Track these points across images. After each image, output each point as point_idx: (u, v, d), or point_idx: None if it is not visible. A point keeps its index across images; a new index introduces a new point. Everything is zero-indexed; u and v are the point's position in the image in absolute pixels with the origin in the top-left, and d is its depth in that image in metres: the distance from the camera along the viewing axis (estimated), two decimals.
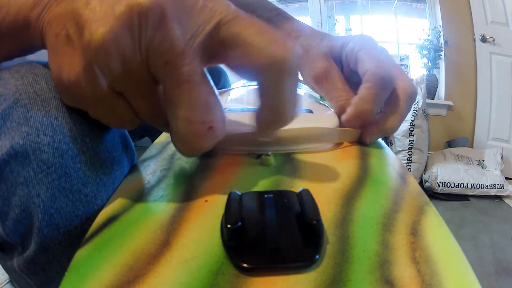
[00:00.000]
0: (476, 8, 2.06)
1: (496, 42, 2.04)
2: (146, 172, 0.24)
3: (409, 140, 1.91)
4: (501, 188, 1.77)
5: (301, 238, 0.16)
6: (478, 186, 1.78)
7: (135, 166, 0.26)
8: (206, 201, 0.20)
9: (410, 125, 1.90)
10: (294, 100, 0.19)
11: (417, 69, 2.33)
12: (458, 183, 1.79)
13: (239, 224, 0.16)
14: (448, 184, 1.80)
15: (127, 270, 0.15)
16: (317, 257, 0.15)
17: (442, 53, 2.17)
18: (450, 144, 2.21)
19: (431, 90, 2.20)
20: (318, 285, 0.14)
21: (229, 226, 0.16)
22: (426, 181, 1.88)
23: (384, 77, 0.27)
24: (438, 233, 0.17)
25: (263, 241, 0.16)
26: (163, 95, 0.19)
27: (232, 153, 0.27)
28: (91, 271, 0.15)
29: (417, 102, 1.92)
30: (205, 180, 0.23)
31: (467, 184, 1.78)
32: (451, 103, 2.20)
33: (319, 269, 0.15)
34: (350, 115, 0.28)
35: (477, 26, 2.08)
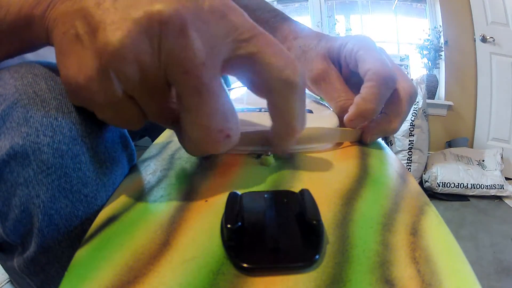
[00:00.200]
0: (477, 8, 2.06)
1: (496, 42, 2.04)
2: (146, 172, 0.24)
3: (409, 140, 1.91)
4: (501, 188, 1.77)
5: (301, 238, 0.16)
6: (478, 186, 1.78)
7: (135, 166, 0.26)
8: (206, 201, 0.20)
9: (410, 125, 1.90)
10: (303, 113, 0.21)
11: (417, 69, 2.33)
12: (458, 183, 1.79)
13: (239, 224, 0.16)
14: (448, 184, 1.80)
15: (127, 270, 0.15)
16: (317, 257, 0.15)
17: (442, 53, 2.17)
18: (450, 144, 2.21)
19: (431, 90, 2.20)
20: (318, 285, 0.14)
21: (229, 226, 0.16)
22: (426, 181, 1.88)
23: (386, 76, 0.27)
24: (438, 233, 0.17)
25: (263, 241, 0.16)
26: (177, 101, 0.19)
27: (232, 153, 0.27)
28: (91, 271, 0.15)
29: (417, 102, 1.92)
30: (205, 180, 0.23)
31: (467, 184, 1.78)
32: (451, 103, 2.20)
33: (319, 269, 0.15)
34: (353, 115, 0.28)
35: (477, 26, 2.08)
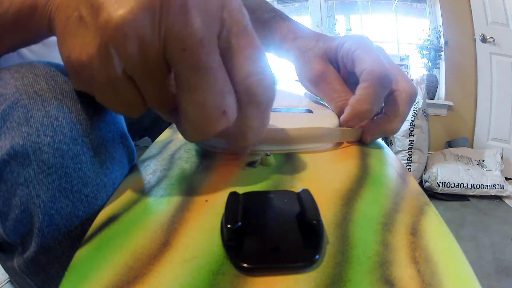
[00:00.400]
0: (477, 8, 2.06)
1: (496, 42, 2.04)
2: (146, 172, 0.24)
3: (409, 140, 1.91)
4: (501, 189, 1.77)
5: (301, 238, 0.16)
6: (478, 186, 1.78)
7: (135, 166, 0.26)
8: (206, 201, 0.20)
9: (410, 125, 1.90)
10: (260, 127, 0.21)
11: (417, 69, 2.33)
12: (458, 183, 1.79)
13: (239, 224, 0.16)
14: (448, 184, 1.80)
15: (127, 270, 0.15)
16: (317, 257, 0.15)
17: (442, 53, 2.17)
18: (450, 144, 2.21)
19: (431, 90, 2.20)
20: (318, 285, 0.14)
21: (229, 226, 0.16)
22: (426, 181, 1.87)
23: (381, 75, 0.27)
24: (438, 233, 0.17)
25: (263, 241, 0.16)
26: (175, 81, 0.19)
27: (230, 153, 0.27)
28: (91, 271, 0.15)
29: (417, 102, 1.92)
30: (205, 180, 0.23)
31: (467, 184, 1.78)
32: (451, 103, 2.20)
33: (319, 269, 0.15)
34: (348, 116, 0.28)
35: (478, 26, 2.08)
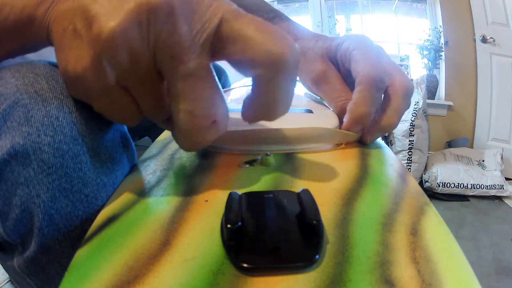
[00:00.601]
0: (477, 9, 2.06)
1: (497, 43, 2.04)
2: (146, 172, 0.24)
3: (409, 140, 1.91)
4: (501, 189, 1.77)
5: (301, 238, 0.16)
6: (478, 187, 1.78)
7: (135, 166, 0.26)
8: (206, 201, 0.20)
9: (410, 125, 1.90)
10: (287, 100, 0.20)
11: (418, 69, 2.33)
12: (458, 183, 1.79)
13: (239, 224, 0.16)
14: (448, 184, 1.80)
15: (127, 270, 0.15)
16: (317, 257, 0.15)
17: (443, 54, 2.17)
18: (450, 144, 2.21)
19: (431, 90, 2.20)
20: (318, 285, 0.14)
21: (229, 226, 0.16)
22: (426, 181, 1.87)
23: (375, 78, 0.28)
24: (438, 233, 0.17)
25: (263, 241, 0.16)
26: (167, 90, 0.19)
27: (232, 153, 0.27)
28: (91, 271, 0.15)
29: (417, 102, 1.92)
30: (205, 180, 0.23)
31: (467, 185, 1.78)
32: (451, 103, 2.20)
33: (319, 269, 0.15)
34: (349, 122, 0.28)
35: (478, 27, 2.08)
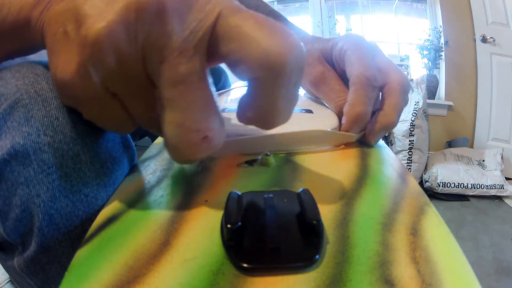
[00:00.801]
0: (477, 9, 2.06)
1: (497, 43, 2.04)
2: (146, 172, 0.24)
3: (409, 140, 1.91)
4: (501, 188, 1.77)
5: (301, 238, 0.16)
6: (478, 186, 1.78)
7: (135, 166, 0.26)
8: (206, 201, 0.20)
9: (410, 125, 1.90)
10: (289, 108, 0.17)
11: (418, 69, 2.33)
12: (458, 183, 1.79)
13: (239, 224, 0.16)
14: (448, 184, 1.80)
15: (127, 270, 0.15)
16: (317, 257, 0.15)
17: (443, 53, 2.17)
18: (450, 144, 2.21)
19: (432, 90, 2.20)
20: (318, 285, 0.14)
21: (229, 226, 0.16)
22: (426, 181, 1.87)
23: (368, 77, 0.28)
24: (438, 233, 0.17)
25: (263, 241, 0.16)
26: (157, 98, 0.17)
27: (232, 153, 0.27)
28: (91, 271, 0.15)
29: (418, 102, 1.92)
30: (205, 180, 0.23)
31: (467, 184, 1.78)
32: (452, 103, 2.20)
33: (319, 269, 0.15)
34: (347, 123, 0.29)
35: (478, 27, 2.07)
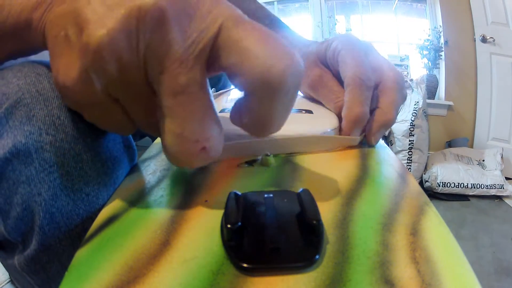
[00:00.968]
0: (477, 8, 2.06)
1: (497, 42, 2.04)
2: (147, 172, 0.24)
3: (409, 140, 1.91)
4: (501, 188, 1.77)
5: (301, 238, 0.16)
6: (478, 186, 1.78)
7: (136, 166, 0.26)
8: (206, 201, 0.20)
9: (410, 125, 1.90)
10: (282, 120, 0.18)
11: (417, 69, 2.34)
12: (458, 183, 1.79)
13: (239, 224, 0.16)
14: (448, 184, 1.80)
15: (127, 270, 0.15)
16: (317, 257, 0.15)
17: (442, 53, 2.18)
18: (450, 144, 2.21)
19: (431, 90, 2.20)
20: (318, 285, 0.14)
21: (229, 226, 0.16)
22: (426, 181, 1.88)
23: (362, 78, 0.28)
24: (438, 233, 0.17)
25: (263, 241, 0.16)
26: (158, 105, 0.17)
27: (232, 155, 0.27)
28: (91, 271, 0.15)
29: (417, 102, 1.92)
30: (205, 180, 0.23)
31: (467, 184, 1.78)
32: (451, 103, 2.20)
33: (319, 269, 0.15)
34: (347, 126, 0.29)
35: (478, 26, 2.08)
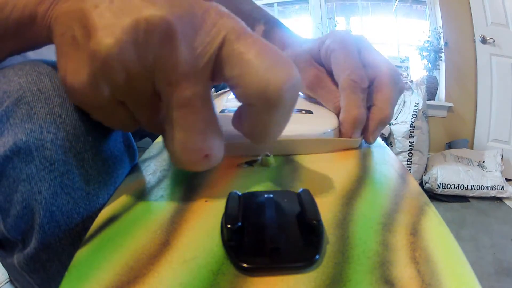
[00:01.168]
0: (476, 10, 2.06)
1: (496, 43, 2.05)
2: (147, 172, 0.24)
3: (409, 142, 1.91)
4: (501, 189, 1.77)
5: (301, 238, 0.16)
6: (478, 187, 1.78)
7: (136, 166, 0.26)
8: (206, 201, 0.20)
9: (410, 127, 1.90)
10: (279, 131, 0.19)
11: (417, 71, 2.34)
12: (458, 185, 1.79)
13: (239, 224, 0.16)
14: (448, 186, 1.80)
15: (127, 270, 0.15)
16: (317, 257, 0.15)
17: (442, 55, 2.18)
18: (450, 146, 2.21)
19: (431, 92, 2.20)
20: (318, 285, 0.14)
21: (229, 226, 0.16)
22: (426, 183, 1.87)
23: (355, 80, 0.28)
24: (438, 233, 0.17)
25: (263, 241, 0.16)
26: (164, 112, 0.18)
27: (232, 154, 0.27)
28: (91, 271, 0.15)
29: (417, 104, 1.92)
30: (205, 180, 0.23)
31: (467, 185, 1.78)
32: (451, 105, 2.20)
33: (319, 269, 0.15)
34: (347, 129, 0.29)
35: (477, 27, 2.08)
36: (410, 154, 1.92)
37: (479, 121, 2.18)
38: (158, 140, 0.31)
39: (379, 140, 0.32)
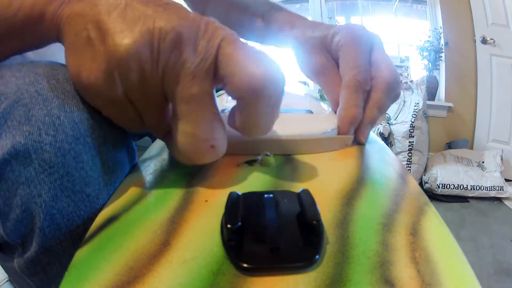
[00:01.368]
0: (477, 10, 2.06)
1: (497, 44, 2.05)
2: (146, 172, 0.24)
3: (409, 142, 1.91)
4: (501, 190, 1.77)
5: (301, 238, 0.16)
6: (478, 188, 1.78)
7: (136, 166, 0.26)
8: (206, 201, 0.20)
9: (410, 127, 1.90)
10: (269, 123, 0.21)
11: (418, 71, 2.34)
12: (458, 185, 1.79)
13: (239, 224, 0.16)
14: (448, 186, 1.80)
15: (127, 270, 0.15)
16: (317, 257, 0.15)
17: (443, 55, 2.18)
18: (450, 146, 2.21)
19: (432, 92, 2.20)
20: (318, 285, 0.14)
21: (229, 226, 0.16)
22: (426, 183, 1.87)
23: (360, 81, 0.29)
24: (438, 233, 0.17)
25: (263, 241, 0.16)
26: (172, 111, 0.20)
27: (232, 153, 0.27)
28: (91, 271, 0.15)
29: (417, 104, 1.92)
30: (205, 180, 0.23)
31: (467, 186, 1.78)
32: (451, 105, 2.20)
33: (319, 269, 0.15)
34: (343, 126, 0.29)
35: (478, 28, 2.08)
36: (410, 154, 1.92)
37: (479, 121, 2.18)
38: (158, 140, 0.31)
39: (379, 140, 0.32)
